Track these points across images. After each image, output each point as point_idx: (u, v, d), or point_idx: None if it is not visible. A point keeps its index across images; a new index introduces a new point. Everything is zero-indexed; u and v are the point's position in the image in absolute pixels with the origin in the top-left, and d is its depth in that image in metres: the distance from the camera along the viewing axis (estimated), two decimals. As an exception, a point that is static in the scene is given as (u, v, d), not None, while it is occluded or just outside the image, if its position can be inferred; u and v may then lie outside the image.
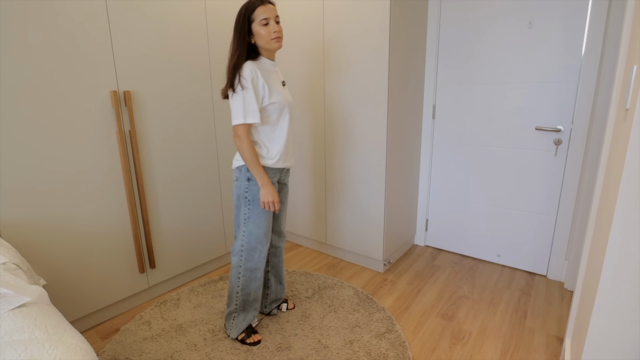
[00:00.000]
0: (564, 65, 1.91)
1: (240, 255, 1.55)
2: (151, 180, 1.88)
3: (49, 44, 1.45)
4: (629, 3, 1.14)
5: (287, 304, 1.87)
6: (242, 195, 1.50)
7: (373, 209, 2.19)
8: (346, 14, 2.05)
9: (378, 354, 1.54)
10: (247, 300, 1.60)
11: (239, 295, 1.59)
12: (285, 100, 1.49)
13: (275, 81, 1.49)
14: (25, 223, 1.48)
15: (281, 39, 1.45)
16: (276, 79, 1.51)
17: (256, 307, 1.64)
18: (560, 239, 2.09)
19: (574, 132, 1.94)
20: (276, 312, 1.83)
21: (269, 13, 1.39)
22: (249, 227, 1.51)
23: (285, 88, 1.56)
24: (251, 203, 1.50)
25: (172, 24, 1.85)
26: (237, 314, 1.62)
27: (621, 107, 1.05)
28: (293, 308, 1.88)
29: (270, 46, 1.43)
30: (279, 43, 1.45)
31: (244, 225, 1.52)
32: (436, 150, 2.47)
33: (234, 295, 1.60)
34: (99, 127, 1.65)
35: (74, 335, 0.79)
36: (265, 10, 1.39)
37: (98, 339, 1.68)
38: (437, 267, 2.34)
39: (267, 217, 1.53)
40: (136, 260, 1.87)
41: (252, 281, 1.59)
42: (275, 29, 1.41)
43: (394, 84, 2.03)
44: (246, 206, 1.50)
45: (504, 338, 1.67)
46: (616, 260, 0.88)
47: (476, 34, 2.16)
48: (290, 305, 1.88)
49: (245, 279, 1.57)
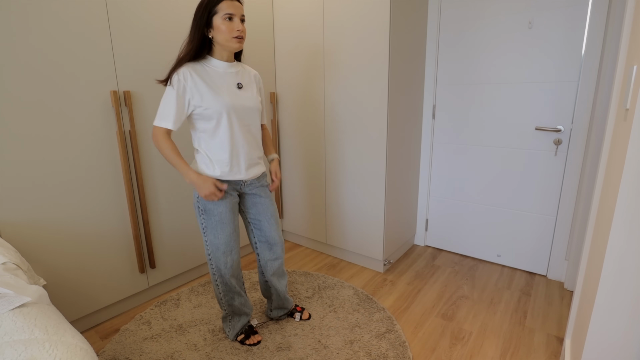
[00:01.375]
0: (564, 65, 1.91)
1: (211, 264, 1.51)
2: (151, 180, 1.88)
3: (49, 44, 1.45)
4: (629, 3, 1.14)
5: (302, 314, 1.77)
6: (194, 205, 1.44)
7: (373, 209, 2.19)
8: (346, 14, 2.05)
9: (378, 354, 1.54)
10: (232, 305, 1.58)
11: (223, 301, 1.58)
12: (227, 106, 1.34)
13: (223, 84, 1.37)
14: (25, 223, 1.48)
15: (243, 40, 1.34)
16: (228, 81, 1.39)
17: (246, 311, 1.62)
18: (560, 239, 2.09)
19: (574, 132, 1.94)
20: (285, 317, 1.79)
21: (234, 9, 1.29)
22: (208, 237, 1.45)
23: (241, 91, 1.42)
24: (204, 213, 1.42)
25: (172, 24, 1.85)
26: (230, 317, 1.62)
27: (621, 107, 1.05)
28: (308, 319, 1.77)
29: (229, 45, 1.33)
30: (240, 44, 1.34)
31: (204, 235, 1.46)
32: (436, 150, 2.47)
33: (220, 301, 1.59)
34: (99, 127, 1.65)
35: (74, 335, 0.79)
36: (231, 5, 1.29)
37: (98, 339, 1.68)
38: (437, 267, 2.34)
39: (225, 227, 1.44)
40: (136, 260, 1.87)
41: (229, 288, 1.54)
42: (239, 27, 1.31)
43: (394, 83, 2.03)
44: (200, 216, 1.44)
45: (504, 338, 1.67)
46: (616, 260, 0.88)
47: (476, 34, 2.16)
48: (305, 316, 1.77)
49: (222, 287, 1.54)
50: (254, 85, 1.50)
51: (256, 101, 1.47)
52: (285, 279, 1.72)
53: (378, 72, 1.99)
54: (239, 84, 1.42)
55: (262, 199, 1.55)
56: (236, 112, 1.38)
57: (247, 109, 1.42)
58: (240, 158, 1.43)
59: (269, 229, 1.58)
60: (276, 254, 1.62)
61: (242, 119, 1.41)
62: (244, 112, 1.41)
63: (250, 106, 1.43)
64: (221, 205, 1.42)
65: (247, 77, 1.48)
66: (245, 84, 1.45)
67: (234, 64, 1.43)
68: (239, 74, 1.44)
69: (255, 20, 2.28)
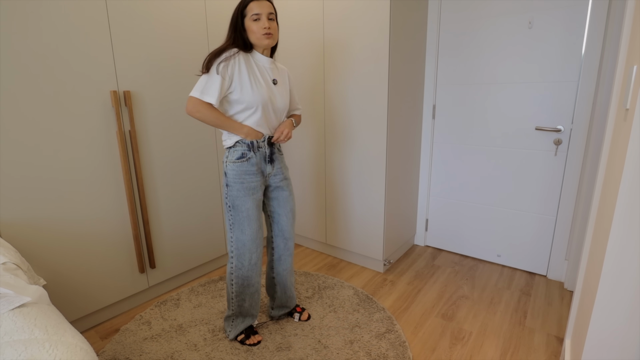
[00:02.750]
0: (564, 65, 1.91)
1: (231, 262, 1.54)
2: (151, 180, 1.88)
3: (49, 44, 1.45)
4: (629, 3, 1.14)
5: (301, 315, 1.77)
6: (224, 201, 1.50)
7: (373, 209, 2.19)
8: (346, 14, 2.05)
9: (378, 354, 1.54)
10: (242, 306, 1.59)
11: (234, 301, 1.58)
12: (263, 100, 1.43)
13: (260, 78, 1.44)
14: (25, 223, 1.48)
15: (272, 35, 1.41)
16: (266, 76, 1.47)
17: (253, 313, 1.63)
18: (560, 239, 2.09)
19: (574, 132, 1.94)
20: (285, 317, 1.79)
21: (261, 9, 1.38)
22: (235, 233, 1.50)
23: (276, 87, 1.50)
24: (232, 209, 1.47)
25: (172, 24, 1.85)
26: (235, 317, 1.62)
27: (621, 107, 1.05)
28: (307, 319, 1.77)
29: (260, 42, 1.42)
30: (269, 40, 1.42)
31: (230, 232, 1.51)
32: (436, 150, 2.47)
33: (230, 301, 1.59)
34: (99, 127, 1.65)
35: (74, 335, 0.79)
36: (258, 5, 1.38)
37: (98, 339, 1.68)
38: (437, 267, 2.34)
39: (252, 223, 1.49)
40: (136, 260, 1.87)
41: (246, 288, 1.56)
42: (266, 25, 1.38)
43: (394, 83, 2.03)
44: (228, 212, 1.49)
45: (504, 338, 1.67)
46: (616, 260, 0.88)
47: (476, 34, 2.16)
48: (304, 316, 1.77)
49: (238, 286, 1.56)
50: (286, 81, 1.58)
51: (286, 100, 1.55)
52: (293, 275, 1.75)
53: (378, 72, 1.99)
54: (274, 80, 1.51)
55: (284, 192, 1.61)
56: (268, 106, 1.47)
57: (278, 106, 1.51)
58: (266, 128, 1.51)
59: (287, 224, 1.63)
60: (290, 249, 1.67)
61: (272, 112, 1.50)
62: (275, 107, 1.50)
63: (281, 103, 1.52)
64: (248, 201, 1.47)
65: (280, 73, 1.56)
66: (280, 81, 1.54)
67: (270, 59, 1.51)
68: (274, 70, 1.53)
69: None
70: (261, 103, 1.43)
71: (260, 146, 1.48)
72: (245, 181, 1.46)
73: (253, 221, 1.49)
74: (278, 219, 1.63)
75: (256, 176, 1.49)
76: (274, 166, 1.55)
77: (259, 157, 1.49)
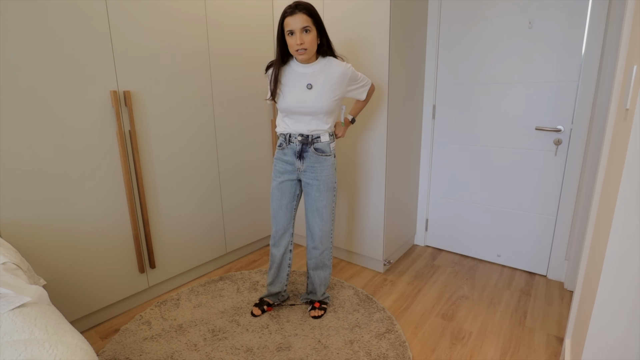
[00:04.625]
0: (564, 65, 1.91)
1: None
2: (151, 180, 1.88)
3: (48, 44, 1.45)
4: (629, 3, 1.14)
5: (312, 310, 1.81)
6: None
7: (373, 209, 2.19)
8: (346, 14, 2.05)
9: (378, 354, 1.54)
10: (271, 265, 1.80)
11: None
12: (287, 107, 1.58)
13: (295, 84, 1.57)
14: (25, 223, 1.48)
15: (306, 50, 1.48)
16: (300, 81, 1.57)
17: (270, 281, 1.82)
18: (560, 239, 2.09)
19: (574, 132, 1.94)
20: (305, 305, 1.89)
21: (294, 24, 1.44)
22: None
23: (309, 91, 1.56)
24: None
25: (172, 24, 1.85)
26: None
27: (621, 107, 1.05)
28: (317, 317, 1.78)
29: (295, 57, 1.54)
30: (303, 55, 1.49)
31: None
32: (436, 150, 2.47)
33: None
34: (99, 127, 1.65)
35: (74, 335, 0.79)
36: (292, 20, 1.44)
37: (98, 339, 1.68)
38: (437, 267, 2.34)
39: (273, 201, 1.71)
40: (136, 260, 1.87)
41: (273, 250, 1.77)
42: (298, 41, 1.45)
43: (394, 83, 2.03)
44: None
45: (504, 338, 1.67)
46: (616, 260, 0.88)
47: (476, 34, 2.16)
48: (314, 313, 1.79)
49: (271, 246, 1.78)
50: (329, 84, 1.57)
51: (319, 103, 1.56)
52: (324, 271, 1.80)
53: (378, 72, 1.99)
54: (309, 84, 1.56)
55: (311, 190, 1.68)
56: (296, 111, 1.58)
57: (308, 109, 1.57)
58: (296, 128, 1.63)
59: (312, 220, 1.72)
60: (314, 243, 1.75)
61: (303, 115, 1.59)
62: (305, 111, 1.58)
63: (312, 106, 1.56)
64: (274, 182, 1.71)
65: (323, 76, 1.56)
66: (316, 84, 1.56)
67: (312, 64, 1.57)
68: (314, 74, 1.57)
69: (255, 20, 2.28)
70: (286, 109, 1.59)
71: (292, 141, 1.62)
72: (277, 165, 1.69)
73: (274, 200, 1.71)
74: (307, 214, 1.74)
75: (285, 164, 1.66)
76: (303, 163, 1.64)
77: (290, 150, 1.63)
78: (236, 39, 2.19)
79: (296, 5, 1.45)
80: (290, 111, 1.59)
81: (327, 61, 1.58)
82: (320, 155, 1.63)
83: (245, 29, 2.23)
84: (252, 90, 2.34)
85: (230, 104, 2.22)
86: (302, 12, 1.44)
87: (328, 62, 1.58)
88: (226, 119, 2.21)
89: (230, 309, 1.87)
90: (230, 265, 2.40)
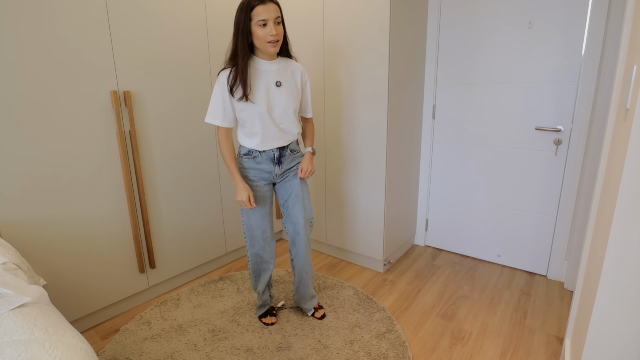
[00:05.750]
0: (564, 65, 1.91)
1: (245, 240, 1.68)
2: (151, 180, 1.88)
3: (48, 44, 1.45)
4: (629, 3, 1.14)
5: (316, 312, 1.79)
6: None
7: (373, 209, 2.19)
8: (346, 14, 2.05)
9: (378, 354, 1.54)
10: (257, 282, 1.71)
11: (252, 277, 1.72)
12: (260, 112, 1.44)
13: (262, 84, 1.44)
14: (25, 223, 1.48)
15: (279, 42, 1.38)
16: (267, 79, 1.45)
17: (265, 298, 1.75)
18: (560, 239, 2.09)
19: (574, 132, 1.94)
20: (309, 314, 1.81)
21: (267, 14, 1.32)
22: (244, 217, 1.61)
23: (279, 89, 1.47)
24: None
25: (172, 24, 1.85)
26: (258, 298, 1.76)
27: (621, 107, 1.05)
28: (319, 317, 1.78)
29: (266, 50, 1.38)
30: (275, 48, 1.38)
31: (242, 215, 1.62)
32: (436, 150, 2.47)
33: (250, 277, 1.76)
34: (99, 127, 1.65)
35: (74, 335, 0.79)
36: (265, 10, 1.31)
37: (98, 339, 1.68)
38: (437, 267, 2.34)
39: (255, 212, 1.57)
40: (136, 260, 1.87)
41: (259, 265, 1.67)
42: (273, 32, 1.34)
43: (394, 83, 2.03)
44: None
45: (504, 338, 1.67)
46: (616, 260, 0.88)
47: (476, 34, 2.16)
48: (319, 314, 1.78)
49: (253, 264, 1.68)
50: (293, 82, 1.52)
51: (290, 101, 1.50)
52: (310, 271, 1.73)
53: (378, 72, 1.99)
54: (278, 82, 1.47)
55: (288, 178, 1.62)
56: (268, 114, 1.46)
57: (280, 110, 1.48)
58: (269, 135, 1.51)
59: (293, 207, 1.62)
60: (300, 232, 1.64)
61: (274, 118, 1.49)
62: (277, 112, 1.48)
63: (284, 106, 1.49)
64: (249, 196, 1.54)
65: (288, 73, 1.51)
66: (284, 81, 1.49)
67: (275, 60, 1.48)
68: (279, 71, 1.48)
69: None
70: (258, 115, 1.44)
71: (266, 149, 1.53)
72: (249, 174, 1.56)
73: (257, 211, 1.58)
74: (285, 204, 1.65)
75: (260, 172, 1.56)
76: (282, 167, 1.59)
77: (265, 157, 1.54)
78: (236, 39, 2.19)
79: None
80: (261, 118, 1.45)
81: (287, 60, 1.52)
82: (295, 154, 1.63)
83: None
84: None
85: (230, 104, 2.22)
86: (273, 2, 1.34)
87: (288, 61, 1.53)
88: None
89: (230, 309, 1.87)
90: (230, 265, 2.40)
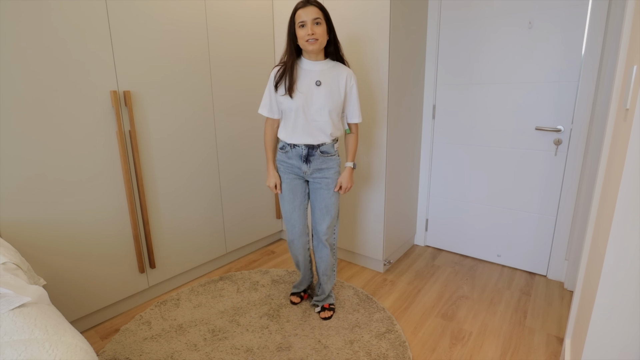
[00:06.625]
0: (564, 65, 1.91)
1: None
2: (151, 180, 1.88)
3: (48, 44, 1.45)
4: (629, 3, 1.14)
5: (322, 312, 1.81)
6: None
7: (373, 209, 2.19)
8: (346, 14, 2.05)
9: (378, 354, 1.54)
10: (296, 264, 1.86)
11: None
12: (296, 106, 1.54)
13: (303, 82, 1.55)
14: (25, 223, 1.48)
15: (318, 41, 1.48)
16: (308, 78, 1.55)
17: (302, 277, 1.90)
18: (560, 239, 2.09)
19: (574, 132, 1.94)
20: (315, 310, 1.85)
21: (306, 16, 1.45)
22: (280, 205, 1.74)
23: (318, 88, 1.55)
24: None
25: (172, 24, 1.85)
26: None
27: (621, 107, 1.05)
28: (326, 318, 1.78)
29: (305, 48, 1.50)
30: (313, 46, 1.48)
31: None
32: (436, 150, 2.47)
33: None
34: (99, 127, 1.65)
35: (74, 335, 0.79)
36: (304, 12, 1.46)
37: (98, 339, 1.68)
38: (437, 267, 2.34)
39: (285, 200, 1.69)
40: (136, 260, 1.87)
41: (292, 251, 1.79)
42: (309, 31, 1.45)
43: (394, 84, 2.03)
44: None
45: (504, 338, 1.67)
46: (616, 260, 0.88)
47: (476, 34, 2.16)
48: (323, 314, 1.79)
49: (289, 247, 1.80)
50: (336, 84, 1.58)
51: (328, 101, 1.56)
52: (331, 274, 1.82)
53: (378, 72, 1.99)
54: (318, 81, 1.56)
55: (318, 188, 1.68)
56: (303, 110, 1.56)
57: (315, 107, 1.56)
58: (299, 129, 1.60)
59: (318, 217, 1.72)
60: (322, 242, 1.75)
61: (308, 115, 1.57)
62: (312, 109, 1.56)
63: (319, 105, 1.56)
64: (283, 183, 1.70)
65: (332, 75, 1.58)
66: (325, 82, 1.56)
67: (321, 62, 1.58)
68: (323, 72, 1.57)
69: (255, 21, 2.28)
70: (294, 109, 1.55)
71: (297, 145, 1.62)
72: (282, 166, 1.68)
73: (286, 202, 1.70)
74: (313, 211, 1.74)
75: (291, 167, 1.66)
76: (310, 166, 1.63)
77: (295, 154, 1.63)
78: (236, 39, 2.19)
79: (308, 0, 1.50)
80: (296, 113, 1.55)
81: (335, 64, 1.60)
82: (326, 157, 1.63)
83: (245, 30, 2.23)
84: (252, 91, 2.34)
85: (230, 103, 2.22)
86: (313, 5, 1.47)
87: (336, 64, 1.60)
88: (226, 118, 2.21)
89: (230, 309, 1.87)
90: (230, 265, 2.40)
